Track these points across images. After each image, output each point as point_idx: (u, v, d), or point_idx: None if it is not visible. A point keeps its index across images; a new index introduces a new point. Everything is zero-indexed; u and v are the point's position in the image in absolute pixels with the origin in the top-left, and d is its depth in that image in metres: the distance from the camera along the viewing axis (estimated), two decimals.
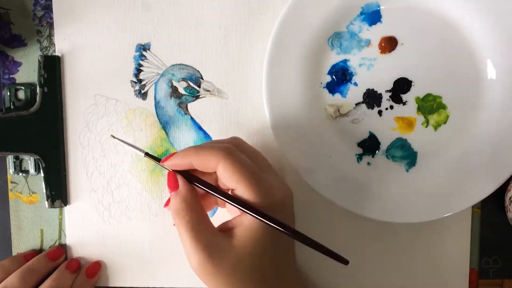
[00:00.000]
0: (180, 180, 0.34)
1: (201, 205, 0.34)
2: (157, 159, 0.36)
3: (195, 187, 0.34)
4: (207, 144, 0.34)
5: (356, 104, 0.43)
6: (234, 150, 0.33)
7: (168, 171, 0.35)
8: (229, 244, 0.32)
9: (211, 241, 0.32)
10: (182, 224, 0.33)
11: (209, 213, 0.36)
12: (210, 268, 0.32)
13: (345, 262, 0.32)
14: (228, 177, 0.32)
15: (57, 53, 0.43)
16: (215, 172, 0.33)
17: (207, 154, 0.33)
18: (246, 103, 0.43)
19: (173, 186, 0.34)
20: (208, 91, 0.43)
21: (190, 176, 0.34)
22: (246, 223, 0.33)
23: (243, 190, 0.32)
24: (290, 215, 0.35)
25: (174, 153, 0.34)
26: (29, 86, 0.44)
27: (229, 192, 0.34)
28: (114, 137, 0.40)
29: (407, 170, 0.43)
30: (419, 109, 0.42)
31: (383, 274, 0.44)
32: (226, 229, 0.34)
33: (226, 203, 0.33)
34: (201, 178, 0.34)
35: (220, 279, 0.32)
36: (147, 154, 0.36)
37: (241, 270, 0.32)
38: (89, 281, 0.43)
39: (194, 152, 0.33)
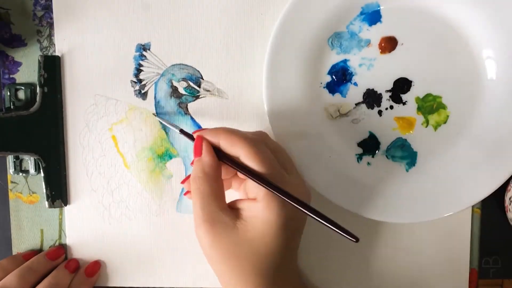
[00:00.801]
0: (205, 147, 0.35)
1: (218, 178, 0.35)
2: (190, 136, 0.38)
3: (218, 159, 0.35)
4: (238, 130, 0.36)
5: (356, 104, 0.43)
6: (260, 142, 0.35)
7: (197, 135, 0.36)
8: (233, 224, 0.34)
9: (218, 215, 0.34)
10: (195, 192, 0.34)
11: None
12: (211, 240, 0.34)
13: (355, 239, 0.33)
14: (249, 164, 0.34)
15: (57, 53, 0.43)
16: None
17: (235, 138, 0.34)
18: (246, 103, 0.43)
19: (198, 151, 0.35)
20: (208, 91, 0.43)
21: (217, 150, 0.35)
22: (253, 210, 0.34)
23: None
24: (303, 213, 0.35)
25: (205, 129, 0.36)
26: (29, 86, 0.44)
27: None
28: (155, 115, 0.43)
29: (407, 170, 0.43)
30: (419, 109, 0.42)
31: (383, 274, 0.44)
32: (236, 208, 0.35)
33: (242, 185, 0.35)
34: (226, 153, 0.35)
35: (219, 252, 0.34)
36: (181, 131, 0.38)
37: (240, 250, 0.34)
38: (88, 280, 0.43)
39: (224, 133, 0.35)
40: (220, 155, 0.35)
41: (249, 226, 0.34)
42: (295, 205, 0.33)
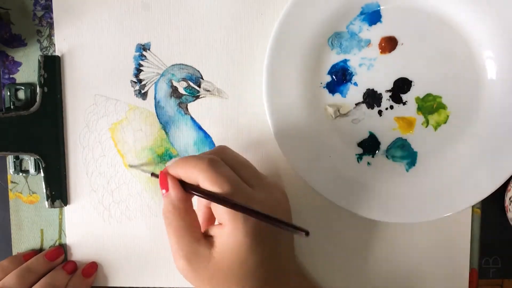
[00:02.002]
0: (170, 183, 0.35)
1: (189, 210, 0.35)
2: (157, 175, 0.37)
3: (186, 192, 0.35)
4: (193, 156, 0.35)
5: (356, 104, 0.43)
6: (216, 162, 0.34)
7: (160, 172, 0.36)
8: (208, 254, 0.34)
9: (193, 248, 0.34)
10: (168, 227, 0.35)
11: None
12: (190, 273, 0.34)
13: (305, 232, 0.32)
14: (208, 188, 0.33)
15: (57, 53, 0.43)
16: None
17: (191, 165, 0.34)
18: (246, 103, 0.43)
19: (164, 188, 0.35)
20: (208, 91, 0.43)
21: (183, 182, 0.35)
22: (223, 235, 0.33)
23: None
24: (273, 228, 0.35)
25: (170, 164, 0.36)
26: (29, 86, 0.44)
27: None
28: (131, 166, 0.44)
29: (407, 170, 0.43)
30: (419, 109, 0.42)
31: (383, 274, 0.44)
32: (210, 236, 0.35)
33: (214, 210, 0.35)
34: (190, 184, 0.35)
35: (202, 283, 0.34)
36: (152, 174, 0.39)
37: (219, 277, 0.34)
38: (85, 281, 0.43)
39: (182, 163, 0.35)
40: (186, 187, 0.35)
41: (224, 253, 0.33)
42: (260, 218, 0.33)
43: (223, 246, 0.33)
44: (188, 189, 0.35)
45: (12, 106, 0.43)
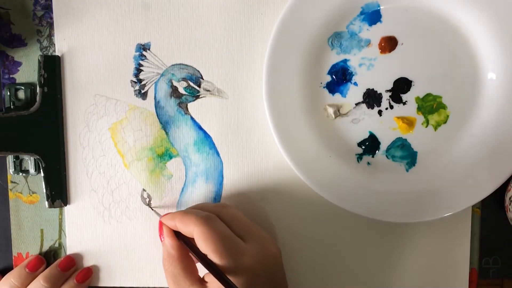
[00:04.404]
0: (165, 232, 0.38)
1: (184, 257, 0.37)
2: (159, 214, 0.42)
3: (179, 241, 0.38)
4: (192, 211, 0.38)
5: (356, 104, 0.43)
6: (211, 218, 0.37)
7: (159, 221, 0.39)
8: None
9: None
10: (166, 272, 0.37)
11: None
12: None
13: None
14: (200, 243, 0.36)
15: (57, 53, 0.43)
16: None
17: (186, 221, 0.37)
18: (246, 103, 0.43)
19: (160, 236, 0.39)
20: (208, 91, 0.43)
21: (178, 232, 0.38)
22: (215, 283, 0.35)
23: (212, 256, 0.35)
24: (266, 280, 0.36)
25: (170, 213, 0.39)
26: (29, 86, 0.44)
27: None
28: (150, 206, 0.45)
29: (407, 170, 0.43)
30: (419, 109, 0.42)
31: (383, 274, 0.44)
32: (205, 281, 0.36)
33: None
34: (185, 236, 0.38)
35: None
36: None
37: None
38: (78, 286, 0.43)
39: (180, 215, 0.37)
40: (179, 237, 0.38)
41: None
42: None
43: None
44: (180, 239, 0.38)
45: (12, 106, 0.43)
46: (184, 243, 0.37)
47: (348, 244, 0.44)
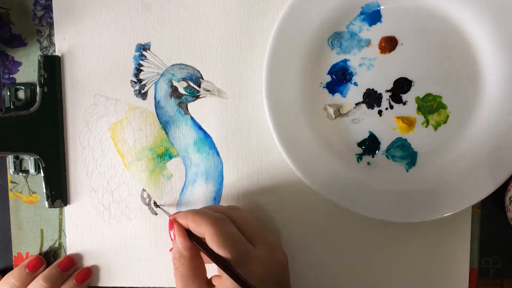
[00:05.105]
0: (177, 232, 0.38)
1: (194, 257, 0.37)
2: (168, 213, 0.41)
3: (191, 241, 0.37)
4: (205, 211, 0.38)
5: (356, 104, 0.43)
6: (223, 220, 0.37)
7: (169, 220, 0.38)
8: None
9: None
10: (175, 272, 0.37)
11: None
12: None
13: None
14: (212, 245, 0.36)
15: (57, 53, 0.43)
16: None
17: (200, 220, 0.36)
18: (246, 103, 0.43)
19: (171, 235, 0.38)
20: (208, 91, 0.43)
21: (190, 232, 0.38)
22: (223, 286, 0.36)
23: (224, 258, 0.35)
24: (273, 285, 0.37)
25: (177, 212, 0.39)
26: (29, 86, 0.44)
27: None
28: (157, 205, 0.44)
29: (407, 170, 0.43)
30: (419, 109, 0.42)
31: (383, 274, 0.44)
32: (213, 285, 0.37)
33: None
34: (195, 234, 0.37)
35: None
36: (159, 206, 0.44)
37: None
38: (78, 286, 0.43)
39: (192, 215, 0.37)
40: (191, 236, 0.37)
41: None
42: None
43: None
44: (192, 239, 0.37)
45: (12, 106, 0.43)
46: (197, 242, 0.37)
47: (347, 244, 0.44)
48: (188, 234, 0.37)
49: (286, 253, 0.40)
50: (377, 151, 0.43)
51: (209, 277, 0.38)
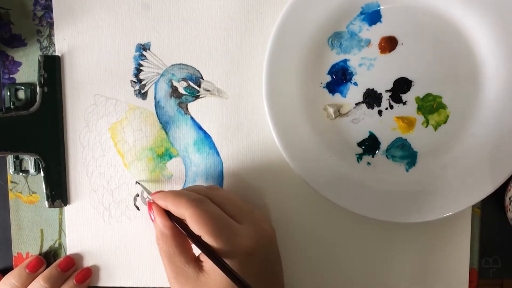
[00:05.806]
0: (155, 212, 0.37)
1: (177, 235, 0.37)
2: (148, 192, 0.41)
3: (171, 221, 0.37)
4: (184, 192, 0.37)
5: (356, 104, 0.43)
6: (203, 201, 0.36)
7: (147, 201, 0.38)
8: (196, 277, 0.36)
9: (182, 270, 0.36)
10: (161, 251, 0.37)
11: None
12: None
13: None
14: (193, 226, 0.35)
15: (57, 53, 0.43)
16: None
17: (178, 202, 0.36)
18: (246, 103, 0.43)
19: (151, 216, 0.38)
20: (208, 91, 0.43)
21: (170, 213, 0.37)
22: (210, 262, 0.35)
23: (206, 238, 0.35)
24: (262, 260, 0.37)
25: (161, 191, 0.38)
26: (29, 86, 0.44)
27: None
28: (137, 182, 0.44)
29: (407, 170, 0.43)
30: (419, 109, 0.42)
31: (382, 274, 0.44)
32: (200, 261, 0.36)
33: None
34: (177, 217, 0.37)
35: None
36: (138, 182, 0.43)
37: None
38: (78, 286, 0.43)
39: (171, 196, 0.37)
40: (171, 217, 0.37)
41: (209, 278, 0.35)
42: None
43: (209, 271, 0.35)
44: (173, 220, 0.37)
45: (12, 106, 0.43)
46: (177, 223, 0.37)
47: (348, 244, 0.44)
48: (169, 216, 0.37)
49: (285, 253, 0.40)
50: (377, 151, 0.43)
51: (197, 255, 0.37)
